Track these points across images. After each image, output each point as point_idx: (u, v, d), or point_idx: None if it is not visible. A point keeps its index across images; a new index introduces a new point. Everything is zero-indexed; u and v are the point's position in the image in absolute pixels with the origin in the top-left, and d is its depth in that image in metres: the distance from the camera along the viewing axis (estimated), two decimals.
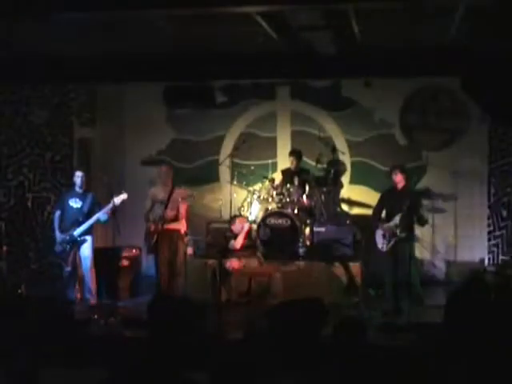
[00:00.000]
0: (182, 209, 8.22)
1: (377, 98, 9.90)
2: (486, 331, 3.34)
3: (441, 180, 9.30)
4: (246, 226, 8.51)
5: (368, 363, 3.31)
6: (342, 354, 3.40)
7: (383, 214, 8.01)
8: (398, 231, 7.77)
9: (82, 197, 8.36)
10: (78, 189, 8.37)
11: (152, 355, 3.13)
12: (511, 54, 8.28)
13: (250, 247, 8.56)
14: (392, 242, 7.83)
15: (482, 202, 9.72)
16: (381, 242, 7.93)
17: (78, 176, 8.36)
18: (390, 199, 8.02)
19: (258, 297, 8.07)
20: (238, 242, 8.45)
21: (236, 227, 8.53)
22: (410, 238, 7.93)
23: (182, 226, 8.25)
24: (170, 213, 8.16)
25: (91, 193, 8.47)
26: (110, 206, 8.00)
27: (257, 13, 6.92)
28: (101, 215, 8.17)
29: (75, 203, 8.36)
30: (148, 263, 8.91)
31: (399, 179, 7.99)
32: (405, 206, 7.72)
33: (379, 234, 7.95)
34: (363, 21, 7.43)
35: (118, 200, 7.98)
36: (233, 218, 8.78)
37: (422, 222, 7.96)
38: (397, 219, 7.79)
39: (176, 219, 8.19)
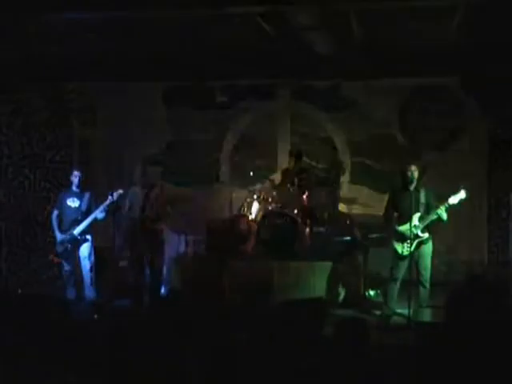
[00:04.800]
0: (161, 207, 8.15)
1: (377, 98, 9.90)
2: (487, 331, 3.34)
3: (441, 180, 9.28)
4: (254, 227, 8.50)
5: (369, 363, 3.31)
6: (343, 354, 3.40)
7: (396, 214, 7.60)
8: (418, 232, 7.38)
9: (80, 196, 8.38)
10: (75, 188, 8.39)
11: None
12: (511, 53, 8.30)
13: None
14: (414, 245, 7.39)
15: (481, 202, 9.71)
16: (401, 246, 7.47)
17: (76, 176, 8.38)
18: (403, 199, 7.51)
19: (259, 297, 8.06)
20: (250, 245, 8.43)
21: (243, 227, 8.54)
22: (430, 238, 7.51)
23: (163, 225, 8.20)
24: (149, 213, 8.06)
25: (88, 192, 8.49)
26: (108, 202, 8.04)
27: (257, 13, 6.94)
28: (98, 213, 8.19)
29: (73, 202, 8.38)
30: None
31: (415, 176, 7.47)
32: (421, 205, 7.41)
33: (398, 236, 7.50)
34: (363, 21, 7.44)
35: (115, 195, 8.01)
36: (237, 218, 8.76)
37: (442, 220, 7.43)
38: (415, 220, 7.38)
39: (156, 219, 8.09)
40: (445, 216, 7.38)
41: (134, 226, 8.05)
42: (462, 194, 7.37)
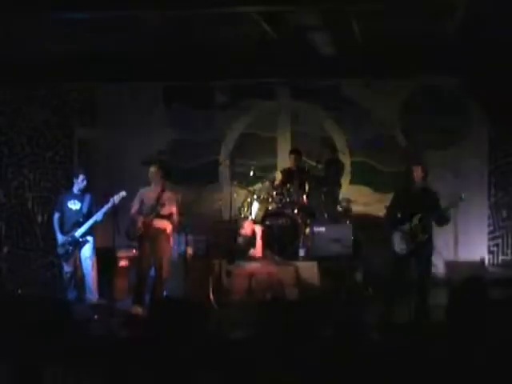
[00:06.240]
0: (172, 210, 8.17)
1: (377, 98, 9.90)
2: (486, 331, 3.34)
3: (441, 180, 9.28)
4: (259, 231, 8.55)
5: (368, 363, 3.31)
6: (342, 353, 3.40)
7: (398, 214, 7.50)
8: (419, 233, 7.35)
9: (81, 198, 8.35)
10: (75, 191, 8.37)
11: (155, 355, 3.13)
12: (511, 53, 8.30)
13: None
14: (413, 245, 7.34)
15: (481, 202, 9.71)
16: (400, 246, 7.42)
17: (82, 180, 8.32)
18: (406, 199, 7.48)
19: (259, 297, 8.07)
20: (259, 250, 8.53)
21: (246, 231, 8.59)
22: (431, 239, 7.46)
23: (169, 226, 8.21)
24: (162, 213, 8.10)
25: (89, 193, 8.46)
26: (110, 205, 8.01)
27: (257, 13, 6.94)
28: (99, 216, 8.17)
29: (74, 205, 8.36)
30: None
31: (420, 177, 7.47)
32: (424, 205, 7.36)
33: (398, 236, 7.43)
34: (363, 21, 7.44)
35: (117, 199, 7.99)
36: (241, 221, 8.80)
37: (443, 222, 7.45)
38: (416, 220, 7.33)
39: (165, 219, 8.12)
40: (448, 216, 7.38)
41: (143, 226, 8.07)
42: (462, 197, 7.42)
